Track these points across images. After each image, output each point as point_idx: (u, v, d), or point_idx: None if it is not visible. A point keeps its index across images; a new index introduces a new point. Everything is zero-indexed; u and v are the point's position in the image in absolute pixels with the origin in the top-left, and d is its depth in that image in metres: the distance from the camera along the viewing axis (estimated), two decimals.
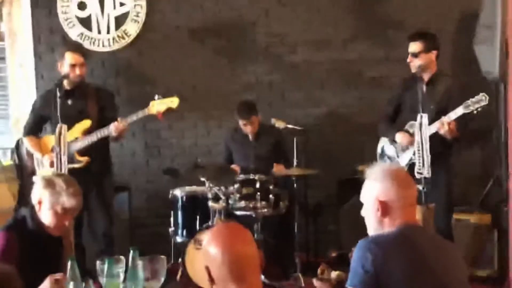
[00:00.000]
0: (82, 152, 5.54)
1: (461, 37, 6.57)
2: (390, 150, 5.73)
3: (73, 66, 5.54)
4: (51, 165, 5.44)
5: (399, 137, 5.54)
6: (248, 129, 6.28)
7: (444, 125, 5.20)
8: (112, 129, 5.45)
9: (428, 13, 6.63)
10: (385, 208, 2.81)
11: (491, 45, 5.81)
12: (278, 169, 6.16)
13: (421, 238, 2.80)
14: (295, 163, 5.92)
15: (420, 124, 5.09)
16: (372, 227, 2.88)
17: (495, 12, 5.63)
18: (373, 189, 2.86)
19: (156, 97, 5.52)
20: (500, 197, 6.00)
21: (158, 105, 5.50)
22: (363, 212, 2.92)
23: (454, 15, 6.64)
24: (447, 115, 5.21)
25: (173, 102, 5.51)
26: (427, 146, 5.05)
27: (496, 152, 6.43)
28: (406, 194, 2.84)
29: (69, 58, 5.55)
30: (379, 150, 5.86)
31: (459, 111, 5.14)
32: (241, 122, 6.26)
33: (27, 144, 5.86)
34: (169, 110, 5.55)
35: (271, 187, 5.78)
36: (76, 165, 5.41)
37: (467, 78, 6.43)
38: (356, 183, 3.35)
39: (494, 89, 6.18)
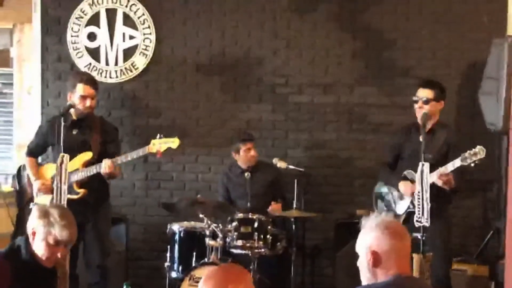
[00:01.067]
0: (81, 183, 5.54)
1: (466, 87, 6.62)
2: (387, 197, 5.72)
3: (84, 97, 5.57)
4: (40, 190, 5.56)
5: (402, 186, 5.53)
6: (250, 156, 6.27)
7: (442, 176, 5.21)
8: (103, 166, 5.44)
9: (434, 62, 6.69)
10: (376, 259, 2.82)
11: (495, 97, 5.83)
12: (274, 208, 6.15)
13: None
14: (294, 205, 5.90)
15: (422, 173, 5.08)
16: (365, 277, 2.88)
17: (500, 64, 5.67)
18: (366, 239, 2.87)
19: (158, 136, 5.54)
20: (498, 249, 5.98)
21: (158, 144, 5.52)
22: (358, 262, 2.92)
23: (460, 65, 6.70)
24: (444, 167, 5.21)
25: (174, 142, 5.54)
26: (427, 195, 5.04)
27: (497, 204, 6.43)
28: (399, 245, 2.84)
29: (81, 89, 5.57)
30: (375, 195, 5.85)
31: (456, 163, 5.13)
32: (244, 147, 6.28)
33: (27, 164, 5.89)
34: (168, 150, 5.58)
35: (269, 227, 5.75)
36: (73, 196, 5.41)
37: (470, 129, 6.49)
38: (354, 228, 3.35)
39: (497, 141, 6.20)
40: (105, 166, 5.43)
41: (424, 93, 5.55)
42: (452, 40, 6.70)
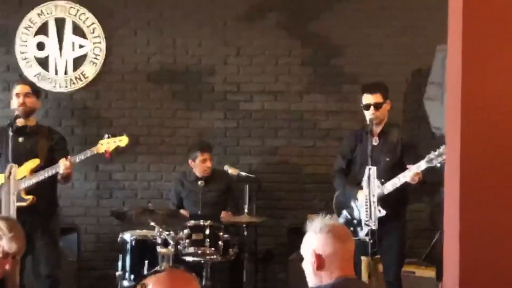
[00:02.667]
0: (29, 190, 5.50)
1: (412, 93, 6.76)
2: (351, 204, 5.72)
3: (17, 95, 5.58)
4: None
5: (361, 195, 5.41)
6: (205, 167, 6.31)
7: (414, 176, 5.24)
8: (61, 166, 5.40)
9: (381, 69, 6.80)
10: (320, 262, 2.87)
11: (440, 102, 5.96)
12: (225, 216, 6.19)
13: None
14: (246, 211, 5.95)
15: (368, 177, 5.16)
16: (311, 280, 2.93)
17: (444, 70, 5.80)
18: (310, 242, 2.92)
19: (105, 136, 5.53)
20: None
21: (106, 144, 5.50)
22: (303, 264, 2.97)
23: (405, 72, 6.83)
24: (416, 166, 5.22)
25: (122, 140, 5.52)
26: (374, 199, 5.12)
27: (443, 207, 6.54)
28: (342, 248, 2.90)
29: (15, 89, 5.62)
30: (336, 204, 5.86)
31: (422, 165, 5.18)
32: (201, 157, 6.31)
33: None
34: (118, 149, 5.56)
35: (220, 233, 5.78)
36: (22, 203, 5.36)
37: (417, 134, 6.62)
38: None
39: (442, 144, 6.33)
40: (62, 166, 5.39)
41: (373, 99, 5.56)
42: (398, 47, 6.83)
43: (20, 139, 5.58)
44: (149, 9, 6.98)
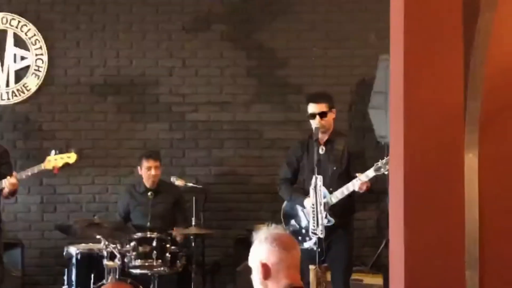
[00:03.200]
0: None
1: (356, 102, 6.85)
2: (299, 214, 5.73)
3: None
4: None
5: (308, 203, 5.46)
6: (150, 175, 6.25)
7: (362, 185, 5.30)
8: (6, 184, 5.32)
9: (326, 79, 6.88)
10: (267, 271, 2.88)
11: (384, 111, 6.04)
12: (177, 232, 6.12)
13: None
14: (193, 222, 5.93)
15: (315, 186, 5.21)
16: None
17: (387, 79, 5.89)
18: (256, 252, 2.93)
19: (53, 152, 5.46)
20: None
21: (54, 161, 5.44)
22: (252, 276, 2.97)
23: (350, 81, 6.92)
24: (364, 174, 5.28)
25: (70, 157, 5.48)
26: (321, 207, 5.17)
27: (389, 214, 6.62)
28: (287, 256, 2.91)
29: None
30: (284, 214, 5.87)
31: (370, 173, 5.25)
32: (146, 164, 6.25)
33: None
34: (66, 166, 5.50)
35: (168, 245, 5.76)
36: None
37: (362, 143, 6.71)
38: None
39: (387, 153, 6.42)
40: (9, 184, 5.29)
41: (318, 108, 5.60)
42: (341, 57, 6.93)
43: None
44: (92, 21, 6.92)
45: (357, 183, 5.33)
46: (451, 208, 2.89)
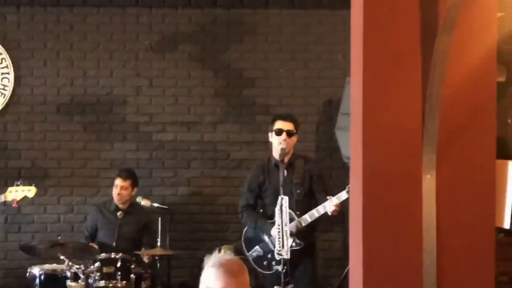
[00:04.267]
0: None
1: (323, 123, 6.89)
2: (265, 240, 5.71)
3: None
4: None
5: (276, 231, 5.35)
6: (116, 193, 6.24)
7: (336, 207, 5.34)
8: None
9: (293, 100, 6.91)
10: None
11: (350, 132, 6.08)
12: (145, 254, 6.06)
13: None
14: (159, 243, 5.89)
15: (281, 207, 5.21)
16: None
17: None
18: (204, 277, 2.96)
19: (16, 183, 5.46)
20: None
21: (15, 192, 5.44)
22: None
23: (317, 102, 6.95)
24: (336, 197, 5.33)
25: (30, 191, 5.52)
26: (286, 228, 5.17)
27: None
28: (233, 281, 2.92)
29: None
30: (245, 240, 5.84)
31: (343, 195, 5.29)
32: (115, 182, 6.26)
33: None
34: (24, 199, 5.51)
35: (132, 266, 5.71)
36: None
37: (329, 163, 6.74)
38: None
39: None
40: None
41: (286, 125, 5.63)
42: (309, 78, 6.96)
43: None
44: (59, 40, 6.89)
45: (329, 206, 5.35)
46: (409, 229, 2.92)
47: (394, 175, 2.90)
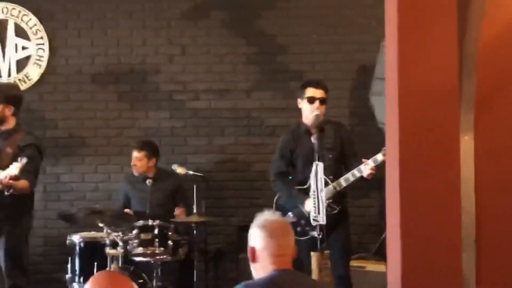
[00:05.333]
0: None
1: (357, 89, 6.84)
2: (296, 210, 5.72)
3: None
4: None
5: (309, 204, 5.31)
6: (133, 164, 6.30)
7: (372, 169, 5.29)
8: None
9: (326, 65, 6.87)
10: (254, 255, 2.93)
11: (385, 97, 6.03)
12: (178, 214, 6.17)
13: (292, 283, 2.89)
14: (194, 210, 5.94)
15: (316, 173, 5.19)
16: (252, 273, 2.98)
17: None
18: (250, 235, 2.97)
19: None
20: None
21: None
22: None
23: (350, 68, 6.90)
24: (372, 160, 5.28)
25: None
26: (322, 194, 5.15)
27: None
28: (272, 243, 2.94)
29: None
30: (278, 207, 5.76)
31: (379, 157, 5.23)
32: (132, 154, 6.29)
33: None
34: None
35: (170, 233, 5.77)
36: None
37: (363, 129, 6.71)
38: None
39: None
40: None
41: (318, 93, 5.57)
42: (342, 43, 6.90)
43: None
44: (92, 10, 6.93)
45: (366, 169, 5.32)
46: (447, 191, 2.90)
47: (431, 137, 2.87)
